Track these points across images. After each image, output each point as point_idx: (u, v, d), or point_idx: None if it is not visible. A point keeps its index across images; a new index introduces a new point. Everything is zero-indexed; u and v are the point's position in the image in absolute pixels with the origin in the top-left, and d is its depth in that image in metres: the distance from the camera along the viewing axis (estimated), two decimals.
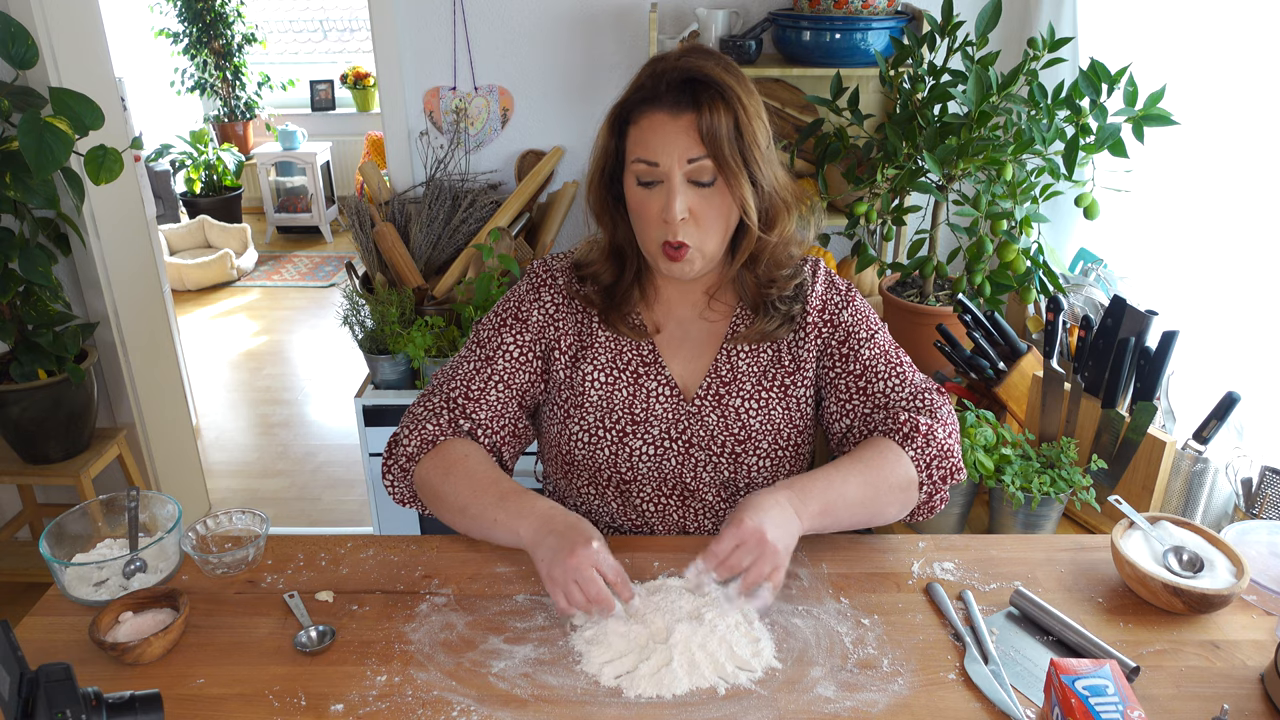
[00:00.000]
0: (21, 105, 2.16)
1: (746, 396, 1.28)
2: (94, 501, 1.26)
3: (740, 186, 1.15)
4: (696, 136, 1.13)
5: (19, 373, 2.35)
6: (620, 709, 0.99)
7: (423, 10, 2.56)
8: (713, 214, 1.17)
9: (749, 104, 1.16)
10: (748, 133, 1.15)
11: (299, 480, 3.44)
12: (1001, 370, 1.74)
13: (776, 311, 1.28)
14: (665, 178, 1.15)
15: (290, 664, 1.06)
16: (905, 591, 1.19)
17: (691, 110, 1.13)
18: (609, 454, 1.29)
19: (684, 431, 1.29)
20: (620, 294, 1.30)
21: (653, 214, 1.18)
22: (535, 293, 1.32)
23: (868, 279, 2.60)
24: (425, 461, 1.23)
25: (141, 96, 5.18)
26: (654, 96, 1.15)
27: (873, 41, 2.28)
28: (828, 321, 1.30)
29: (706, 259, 1.21)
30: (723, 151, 1.13)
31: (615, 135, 1.21)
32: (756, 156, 1.16)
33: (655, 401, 1.29)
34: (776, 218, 1.22)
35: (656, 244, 1.20)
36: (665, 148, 1.14)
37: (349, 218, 2.60)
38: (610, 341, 1.31)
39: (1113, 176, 1.83)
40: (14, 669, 0.83)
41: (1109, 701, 0.89)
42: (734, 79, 1.16)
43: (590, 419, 1.29)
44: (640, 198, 1.19)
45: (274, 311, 5.07)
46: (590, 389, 1.29)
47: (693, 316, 1.32)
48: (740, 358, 1.30)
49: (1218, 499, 1.55)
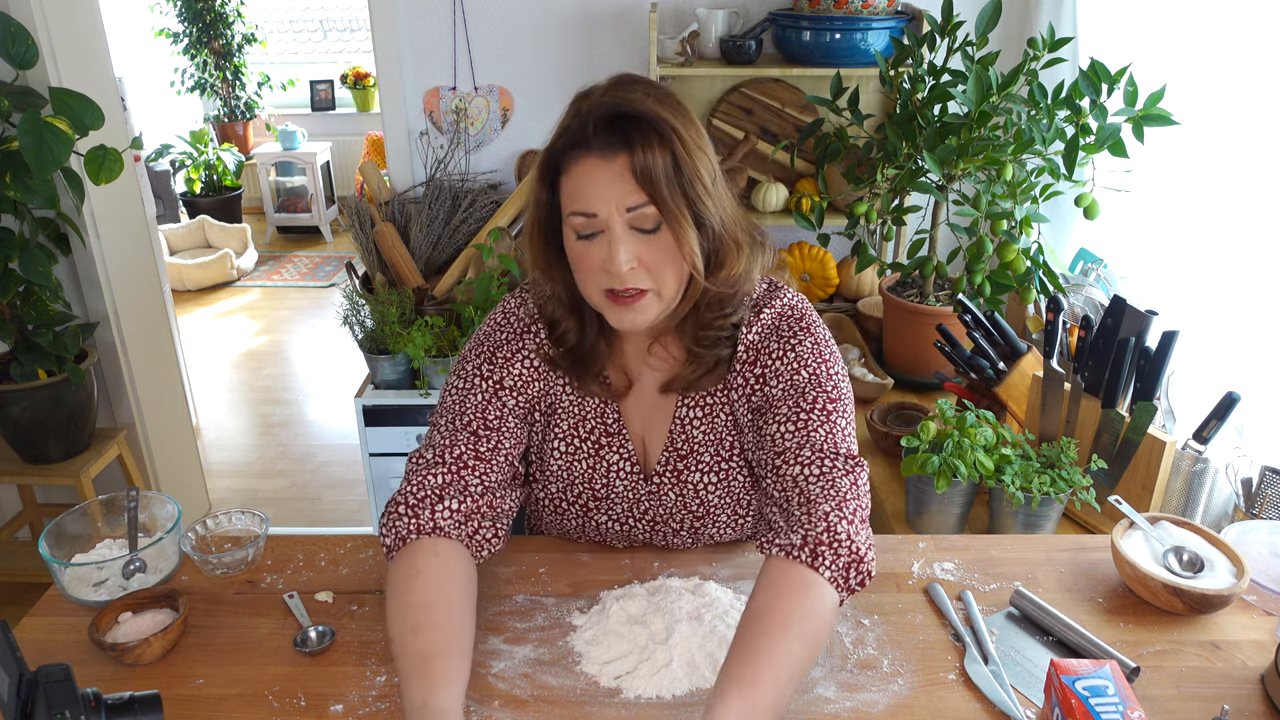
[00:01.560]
0: (21, 105, 2.16)
1: (705, 470, 1.21)
2: (94, 501, 1.26)
3: (684, 231, 1.03)
4: (632, 180, 1.01)
5: (19, 373, 2.35)
6: (620, 709, 0.99)
7: (423, 10, 2.56)
8: (663, 257, 1.05)
9: (687, 135, 1.03)
10: (688, 168, 1.02)
11: (299, 480, 3.44)
12: (1001, 370, 1.74)
13: (703, 357, 1.15)
14: (605, 228, 1.03)
15: (290, 664, 1.06)
16: (905, 591, 1.18)
17: (624, 151, 1.01)
18: (575, 524, 1.27)
19: (646, 511, 1.24)
20: (585, 351, 1.18)
21: (595, 265, 1.05)
22: (519, 341, 1.20)
23: (868, 279, 2.60)
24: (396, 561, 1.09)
25: (141, 96, 5.18)
26: (582, 140, 1.03)
27: (873, 41, 2.28)
28: (758, 376, 1.15)
29: (665, 303, 1.08)
30: (662, 193, 1.01)
31: (547, 186, 1.08)
32: (699, 194, 1.03)
33: (616, 478, 1.23)
34: (725, 258, 1.09)
35: (600, 293, 1.07)
36: (600, 197, 1.02)
37: (349, 218, 2.60)
38: (574, 406, 1.22)
39: (1113, 176, 1.83)
40: (13, 669, 0.83)
41: (1109, 702, 0.89)
42: (668, 110, 1.03)
43: (553, 489, 1.25)
44: (580, 250, 1.06)
45: (274, 311, 5.07)
46: (551, 459, 1.23)
47: (647, 369, 1.22)
48: (695, 426, 1.20)
49: (1218, 499, 1.55)
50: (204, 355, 4.50)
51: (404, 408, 2.41)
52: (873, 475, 1.85)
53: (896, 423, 1.92)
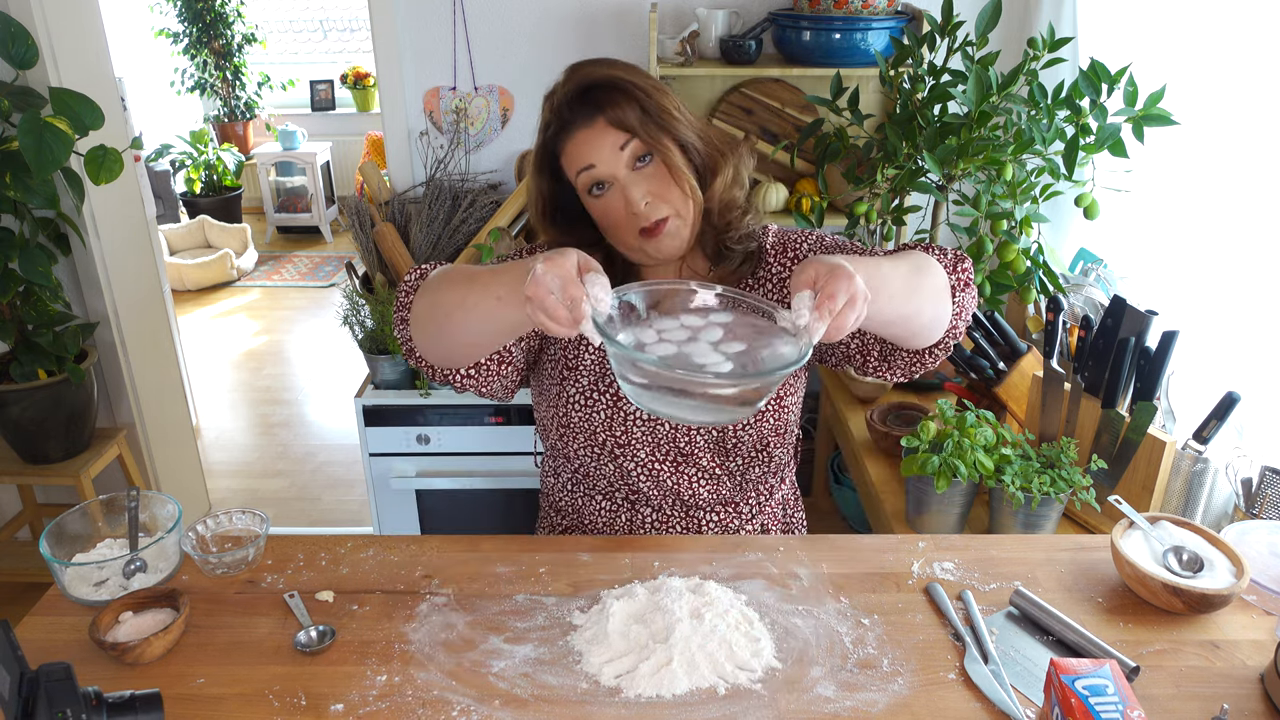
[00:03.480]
0: (21, 105, 2.16)
1: None
2: (94, 501, 1.26)
3: (670, 152, 1.19)
4: (614, 130, 1.17)
5: (19, 373, 2.35)
6: (620, 709, 0.99)
7: (423, 10, 2.56)
8: (666, 182, 1.20)
9: (644, 84, 1.19)
10: (653, 107, 1.18)
11: (299, 480, 3.44)
12: (1001, 370, 1.74)
13: (734, 253, 1.30)
14: (611, 179, 1.19)
15: (290, 664, 1.06)
16: (905, 591, 1.19)
17: (598, 114, 1.17)
18: (604, 417, 1.31)
19: None
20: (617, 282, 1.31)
21: (619, 213, 1.21)
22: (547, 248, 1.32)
23: None
24: (421, 288, 1.18)
25: (141, 96, 5.18)
26: (563, 123, 1.20)
27: (873, 41, 2.28)
28: (792, 259, 1.32)
29: (686, 221, 1.22)
30: (639, 132, 1.17)
31: (548, 175, 1.25)
32: (670, 121, 1.19)
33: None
34: (716, 168, 1.25)
35: (634, 236, 1.21)
36: (596, 153, 1.18)
37: (349, 218, 2.60)
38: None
39: (1113, 176, 1.83)
40: (14, 669, 0.83)
41: (1109, 701, 0.89)
42: (620, 69, 1.20)
43: (585, 382, 1.31)
44: (601, 206, 1.22)
45: (274, 311, 5.07)
46: (584, 353, 1.32)
47: None
48: None
49: (1218, 499, 1.55)
50: (204, 355, 4.50)
51: (404, 408, 2.41)
52: (873, 475, 1.85)
53: (896, 423, 1.92)
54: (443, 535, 1.31)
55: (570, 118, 1.19)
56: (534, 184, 1.27)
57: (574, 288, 0.93)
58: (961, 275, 1.21)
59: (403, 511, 2.53)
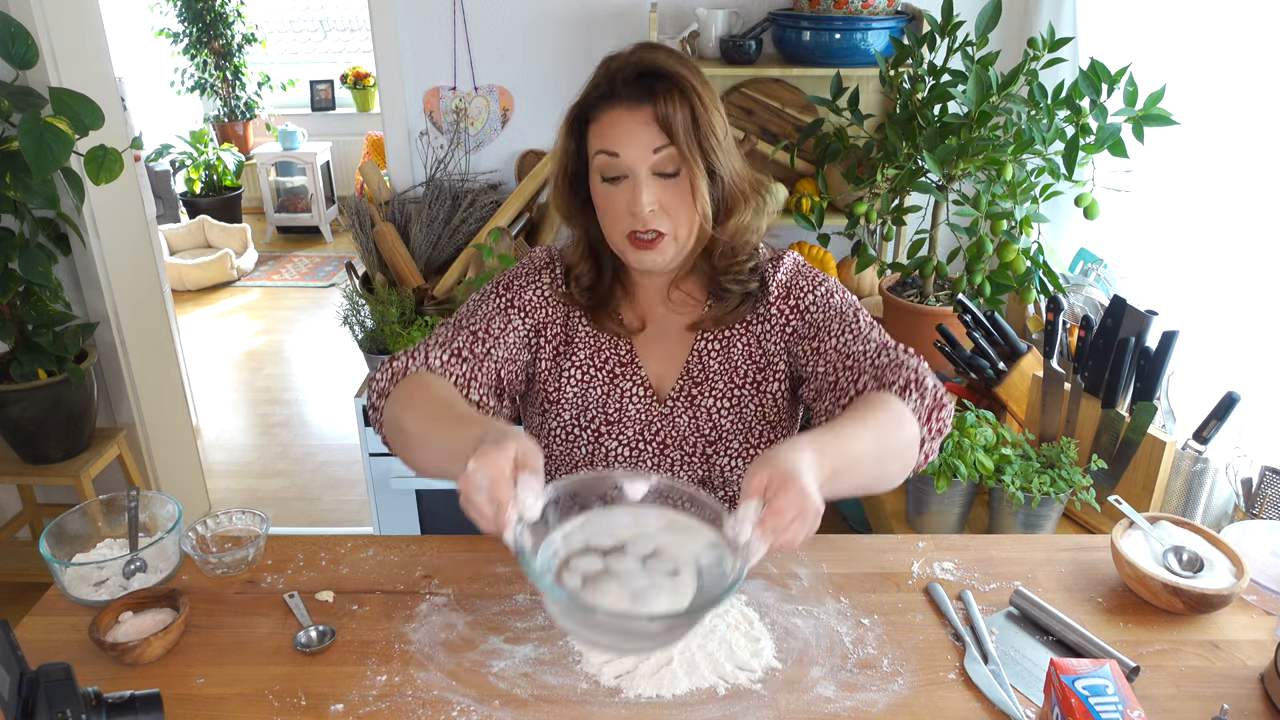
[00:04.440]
0: (21, 105, 2.16)
1: (719, 395, 1.27)
2: (94, 501, 1.26)
3: (698, 176, 1.14)
4: (656, 127, 1.13)
5: (19, 373, 2.35)
6: (620, 709, 0.99)
7: (423, 10, 2.56)
8: (680, 202, 1.16)
9: (704, 94, 1.15)
10: (704, 121, 1.14)
11: (299, 480, 3.44)
12: (1001, 370, 1.74)
13: (731, 293, 1.26)
14: (629, 172, 1.15)
15: (290, 664, 1.06)
16: (905, 591, 1.18)
17: (648, 103, 1.13)
18: (585, 452, 1.29)
19: (657, 433, 1.28)
20: (602, 293, 1.29)
21: (620, 208, 1.17)
22: (537, 274, 1.31)
23: (868, 279, 2.60)
24: (392, 395, 1.16)
25: (141, 96, 5.18)
26: (610, 94, 1.15)
27: (873, 41, 2.28)
28: (793, 308, 1.28)
29: (680, 245, 1.19)
30: (680, 140, 1.12)
31: (574, 136, 1.20)
32: (714, 145, 1.15)
33: (629, 402, 1.28)
34: (734, 208, 1.21)
35: (624, 235, 1.18)
36: (627, 141, 1.13)
37: (349, 218, 2.60)
38: (590, 339, 1.30)
39: (1113, 176, 1.83)
40: (14, 669, 0.83)
41: (1109, 701, 0.89)
42: (688, 70, 1.15)
43: (566, 416, 1.29)
44: (606, 194, 1.18)
45: (274, 311, 5.07)
46: (567, 386, 1.29)
47: (666, 312, 1.31)
48: (712, 356, 1.28)
49: (1218, 499, 1.55)
50: (204, 355, 4.50)
51: None
52: None
53: None
54: (443, 535, 1.31)
55: (619, 91, 1.14)
56: (560, 141, 1.22)
57: (503, 489, 0.88)
58: (935, 425, 1.12)
59: (403, 511, 2.53)
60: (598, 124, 1.16)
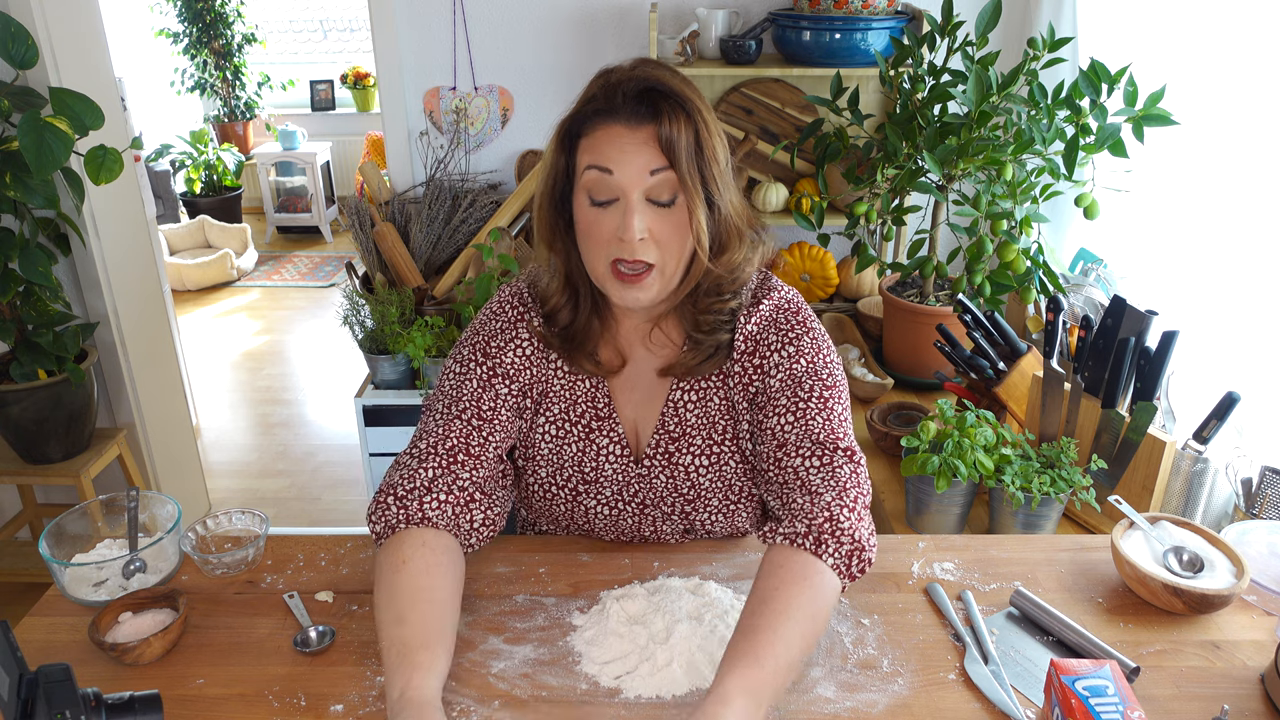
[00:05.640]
0: (21, 105, 2.16)
1: (697, 453, 1.21)
2: (94, 501, 1.26)
3: (696, 205, 1.06)
4: (657, 148, 1.04)
5: (19, 373, 2.35)
6: (620, 709, 0.99)
7: (423, 10, 2.56)
8: (673, 233, 1.07)
9: (708, 119, 1.08)
10: (708, 148, 1.06)
11: (299, 480, 3.44)
12: (1001, 370, 1.74)
13: (704, 343, 1.17)
14: (622, 194, 1.05)
15: (290, 664, 1.06)
16: (905, 591, 1.18)
17: (651, 122, 1.04)
18: (564, 509, 1.27)
19: (636, 493, 1.24)
20: (578, 332, 1.20)
21: (605, 234, 1.07)
22: (512, 329, 1.21)
23: (868, 279, 2.60)
24: (383, 550, 1.10)
25: (141, 96, 5.18)
26: (609, 109, 1.06)
27: (873, 41, 2.28)
28: (756, 366, 1.17)
29: (666, 280, 1.10)
30: (682, 165, 1.04)
31: (564, 151, 1.11)
32: (715, 174, 1.07)
33: (605, 461, 1.22)
34: (728, 244, 1.12)
35: (606, 264, 1.09)
36: (622, 159, 1.04)
37: (349, 218, 2.60)
38: (565, 389, 1.22)
39: (1113, 176, 1.83)
40: (13, 669, 0.83)
41: (1109, 702, 0.89)
42: (692, 92, 1.08)
43: (543, 473, 1.25)
44: (592, 218, 1.08)
45: (274, 311, 5.07)
46: (542, 442, 1.24)
47: (644, 353, 1.23)
48: (688, 409, 1.21)
49: (1218, 499, 1.55)
50: (204, 355, 4.50)
51: (404, 408, 2.41)
52: (873, 475, 1.84)
53: (896, 423, 1.92)
54: None
55: (619, 107, 1.05)
56: (548, 155, 1.13)
57: None
58: (854, 570, 1.04)
59: None
60: (591, 138, 1.07)
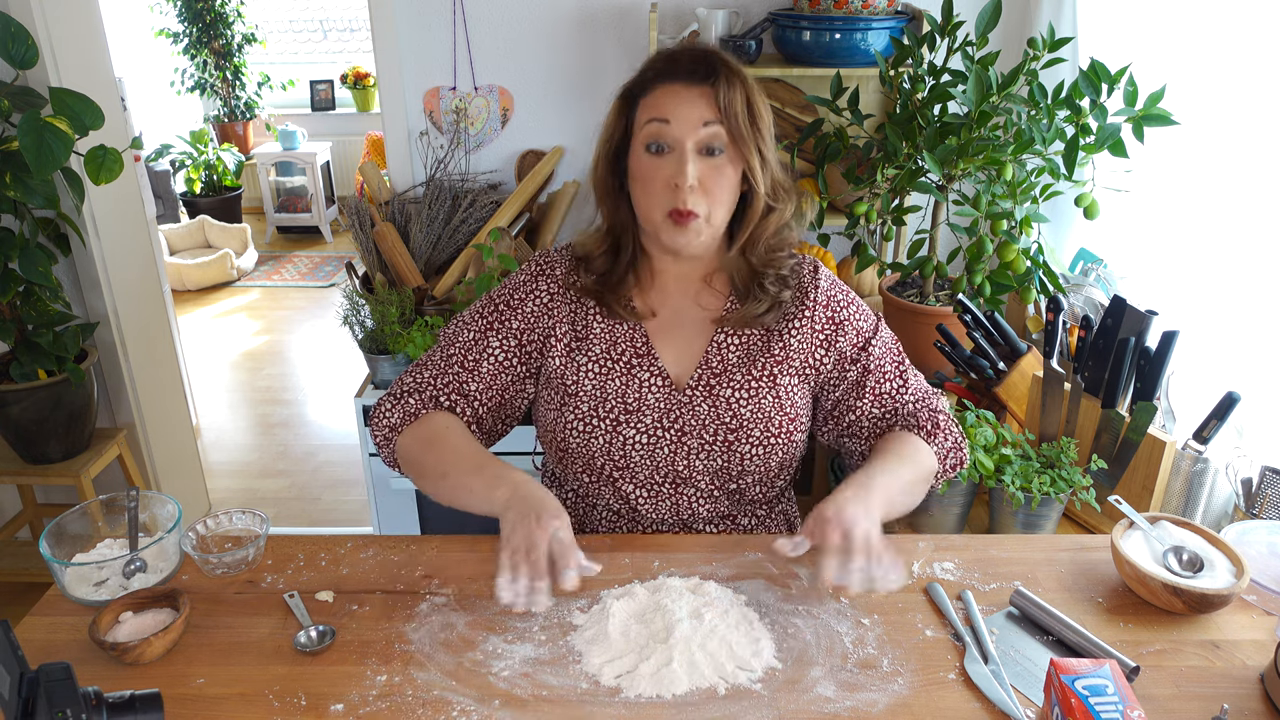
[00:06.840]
0: (21, 105, 2.16)
1: (737, 386, 1.29)
2: (94, 501, 1.26)
3: (751, 157, 1.19)
4: (713, 103, 1.17)
5: (19, 373, 2.35)
6: (620, 709, 0.99)
7: (423, 10, 2.56)
8: (721, 184, 1.19)
9: (758, 92, 1.21)
10: (757, 111, 1.20)
11: (299, 480, 3.44)
12: (1001, 370, 1.74)
13: (765, 295, 1.29)
14: (677, 144, 1.18)
15: (290, 664, 1.06)
16: (905, 591, 1.18)
17: (708, 82, 1.17)
18: (603, 442, 1.30)
19: (676, 420, 1.29)
20: (615, 279, 1.31)
21: (660, 181, 1.19)
22: (533, 282, 1.33)
23: (868, 279, 2.60)
24: (407, 433, 1.27)
25: (141, 96, 5.18)
26: (670, 70, 1.20)
27: (873, 41, 2.28)
28: (831, 319, 1.32)
29: (713, 229, 1.22)
30: (737, 121, 1.17)
31: (624, 112, 1.24)
32: (764, 135, 1.20)
33: (648, 391, 1.29)
34: (778, 200, 1.25)
35: (663, 212, 1.20)
36: (680, 111, 1.17)
37: (349, 218, 2.59)
38: (605, 332, 1.31)
39: (1113, 176, 1.83)
40: (14, 669, 0.83)
41: (1109, 701, 0.89)
42: (743, 70, 1.22)
43: (584, 408, 1.30)
44: (648, 166, 1.20)
45: (274, 311, 5.07)
46: (585, 379, 1.30)
47: (687, 303, 1.33)
48: (730, 349, 1.31)
49: (1218, 499, 1.55)
50: (204, 355, 4.50)
51: None
52: None
53: None
54: (443, 535, 1.31)
55: (677, 69, 1.19)
56: (610, 115, 1.26)
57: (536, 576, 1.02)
58: (949, 470, 1.33)
59: (403, 511, 2.53)
60: (651, 96, 1.20)
